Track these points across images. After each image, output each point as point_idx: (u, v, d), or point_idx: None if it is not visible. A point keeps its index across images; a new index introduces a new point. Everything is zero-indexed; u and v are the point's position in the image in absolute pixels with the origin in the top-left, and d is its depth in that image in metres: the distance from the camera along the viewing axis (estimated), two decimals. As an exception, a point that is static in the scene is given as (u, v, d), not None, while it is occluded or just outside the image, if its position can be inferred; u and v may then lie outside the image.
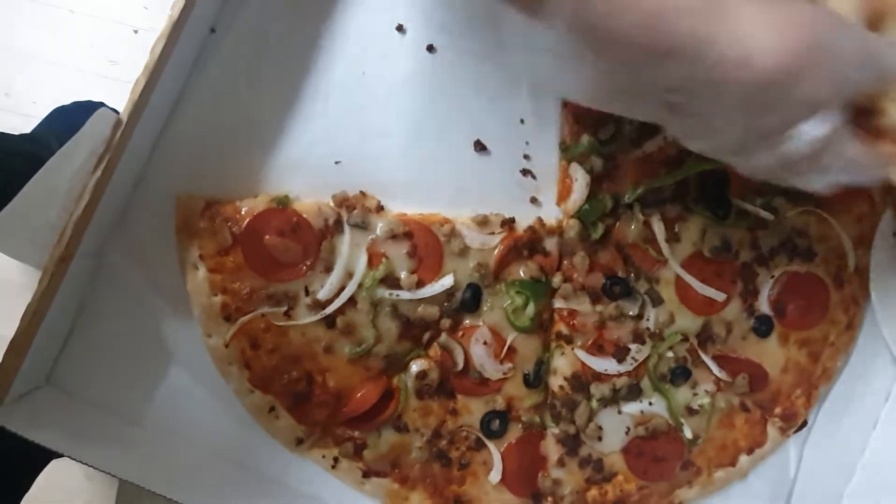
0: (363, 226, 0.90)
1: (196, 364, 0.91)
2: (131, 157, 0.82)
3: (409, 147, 0.92)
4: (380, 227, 0.90)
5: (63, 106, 1.86)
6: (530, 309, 0.93)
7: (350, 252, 0.90)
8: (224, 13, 0.87)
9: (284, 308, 0.89)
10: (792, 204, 0.98)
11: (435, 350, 0.93)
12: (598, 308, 0.96)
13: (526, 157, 0.95)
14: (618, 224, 0.96)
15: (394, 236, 0.90)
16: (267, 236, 0.88)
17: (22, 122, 1.86)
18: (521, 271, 0.94)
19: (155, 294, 0.91)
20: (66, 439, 0.81)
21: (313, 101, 0.91)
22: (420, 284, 0.91)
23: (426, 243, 0.91)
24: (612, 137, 0.93)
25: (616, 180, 0.95)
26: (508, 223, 0.93)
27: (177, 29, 0.74)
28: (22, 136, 1.66)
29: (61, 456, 0.76)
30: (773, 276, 0.98)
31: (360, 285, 0.90)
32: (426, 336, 0.93)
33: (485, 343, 0.93)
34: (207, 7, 0.83)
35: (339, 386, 0.92)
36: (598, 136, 0.93)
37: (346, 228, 0.90)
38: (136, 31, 1.93)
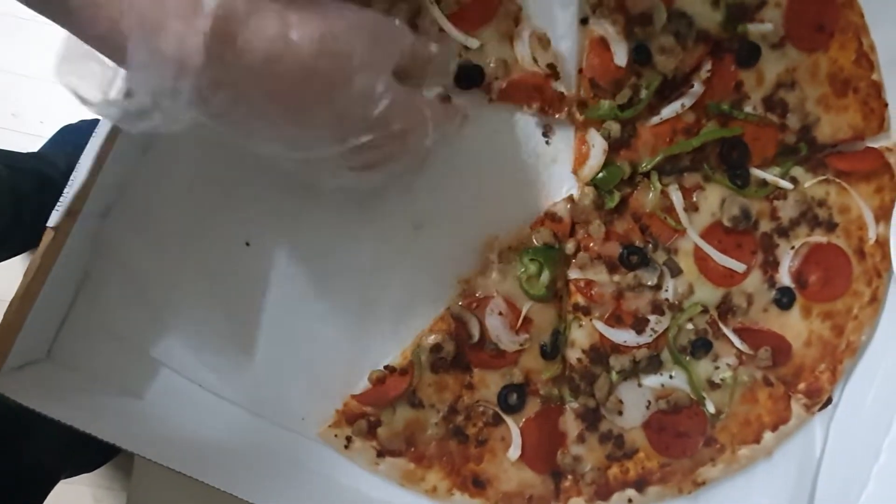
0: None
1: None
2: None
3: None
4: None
5: (70, 124, 1.85)
6: (545, 276, 0.91)
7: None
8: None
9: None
10: (811, 173, 0.97)
11: (449, 321, 0.90)
12: (616, 278, 0.94)
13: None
14: (635, 193, 0.95)
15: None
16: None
17: (29, 141, 1.85)
18: (534, 238, 0.91)
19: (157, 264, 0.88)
20: (65, 408, 0.77)
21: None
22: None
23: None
24: (630, 102, 0.91)
25: (633, 148, 0.93)
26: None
27: None
28: (30, 154, 1.65)
29: (71, 475, 0.73)
30: (793, 247, 0.97)
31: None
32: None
33: (500, 314, 0.91)
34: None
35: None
36: (615, 101, 0.91)
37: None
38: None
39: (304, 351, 0.91)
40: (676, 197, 0.95)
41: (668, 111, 0.94)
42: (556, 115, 0.92)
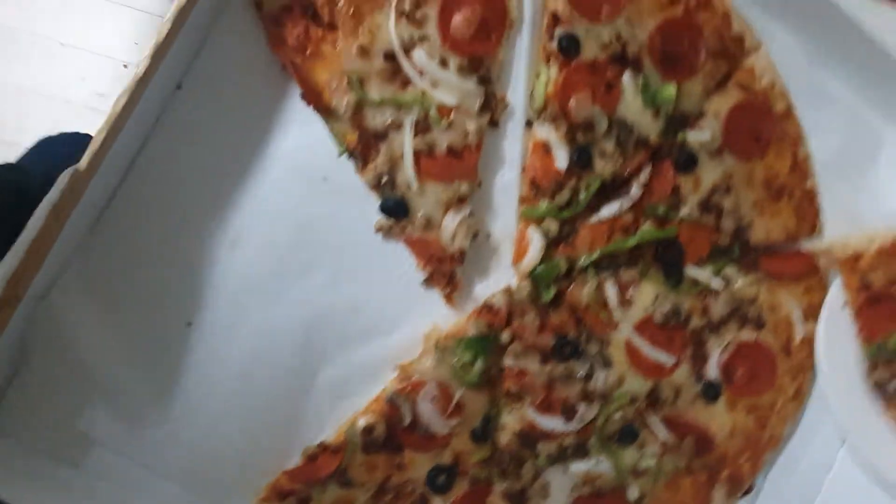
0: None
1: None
2: (88, 206, 0.83)
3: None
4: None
5: (50, 137, 1.86)
6: (479, 365, 0.95)
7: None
8: (192, 70, 0.89)
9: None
10: (743, 273, 1.01)
11: (383, 404, 0.94)
12: (548, 368, 0.97)
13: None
14: (571, 286, 0.98)
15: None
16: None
17: (6, 150, 1.87)
18: (472, 327, 0.95)
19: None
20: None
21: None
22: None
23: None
24: (569, 203, 0.95)
25: (572, 244, 0.97)
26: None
27: (141, 86, 0.76)
28: (6, 165, 1.67)
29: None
30: (722, 343, 1.00)
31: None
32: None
33: (432, 399, 0.94)
34: (175, 64, 0.85)
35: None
36: (555, 201, 0.94)
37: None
38: (125, 66, 1.95)
39: (240, 428, 0.94)
40: (612, 292, 0.98)
41: (607, 211, 0.97)
42: (436, 289, 0.96)
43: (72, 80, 1.96)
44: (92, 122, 1.81)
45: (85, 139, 1.75)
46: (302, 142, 0.92)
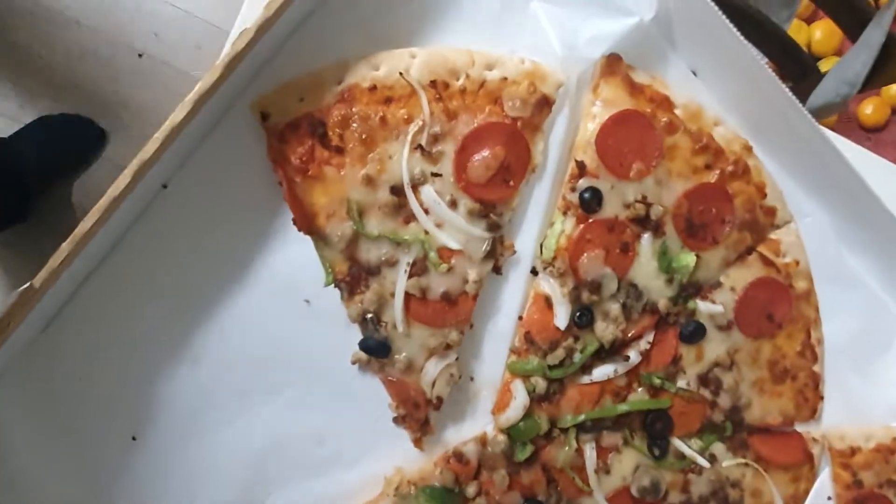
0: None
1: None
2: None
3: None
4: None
5: (49, 115, 1.79)
6: None
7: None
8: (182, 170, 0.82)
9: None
10: (731, 453, 0.96)
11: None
12: (512, 528, 0.91)
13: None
14: (549, 446, 0.92)
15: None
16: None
17: (4, 124, 1.79)
18: (437, 476, 0.89)
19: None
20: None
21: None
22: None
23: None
24: (561, 363, 0.89)
25: (556, 404, 0.91)
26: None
27: (115, 204, 0.68)
28: None
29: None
30: (698, 526, 0.95)
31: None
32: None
33: (383, 553, 0.88)
34: (164, 163, 0.77)
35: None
36: (546, 359, 0.88)
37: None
38: (140, 56, 1.86)
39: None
40: (590, 456, 0.92)
41: (599, 373, 0.91)
42: (406, 430, 0.89)
43: (83, 60, 1.87)
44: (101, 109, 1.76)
45: (83, 121, 1.68)
46: (288, 261, 0.85)
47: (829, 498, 0.98)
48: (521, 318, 0.90)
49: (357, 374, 0.88)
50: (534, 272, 0.90)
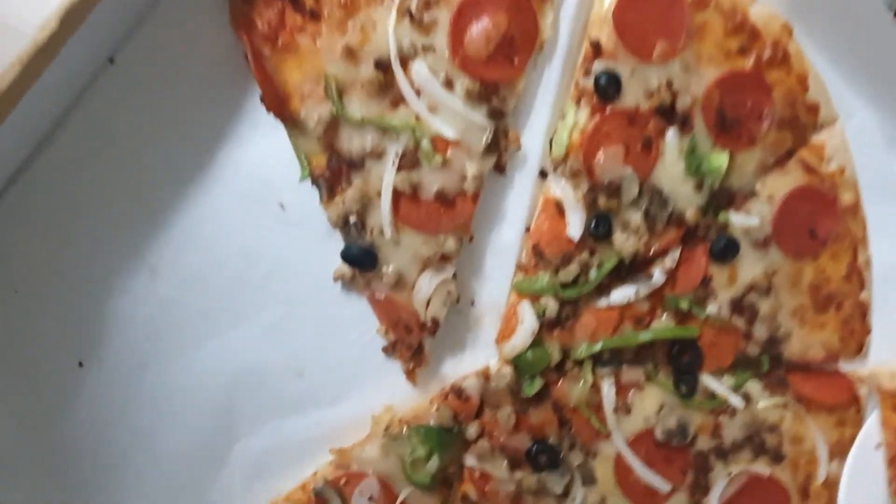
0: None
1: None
2: None
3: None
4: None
5: None
6: (433, 463, 0.78)
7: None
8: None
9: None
10: (769, 392, 0.85)
11: (308, 493, 0.76)
12: (518, 475, 0.80)
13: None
14: (561, 381, 0.81)
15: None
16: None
17: None
18: (433, 415, 0.77)
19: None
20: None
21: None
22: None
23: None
24: (575, 281, 0.79)
25: (569, 330, 0.81)
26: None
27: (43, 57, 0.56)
28: None
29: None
30: (730, 474, 0.84)
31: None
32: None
33: (370, 498, 0.77)
34: (106, 32, 0.66)
35: None
36: (558, 276, 0.78)
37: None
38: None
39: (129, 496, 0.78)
40: (608, 393, 0.82)
41: (618, 296, 0.81)
42: (398, 361, 0.80)
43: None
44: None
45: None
46: (258, 154, 0.75)
47: (878, 445, 0.87)
48: (528, 229, 0.81)
49: (340, 294, 0.78)
50: (542, 175, 0.80)
